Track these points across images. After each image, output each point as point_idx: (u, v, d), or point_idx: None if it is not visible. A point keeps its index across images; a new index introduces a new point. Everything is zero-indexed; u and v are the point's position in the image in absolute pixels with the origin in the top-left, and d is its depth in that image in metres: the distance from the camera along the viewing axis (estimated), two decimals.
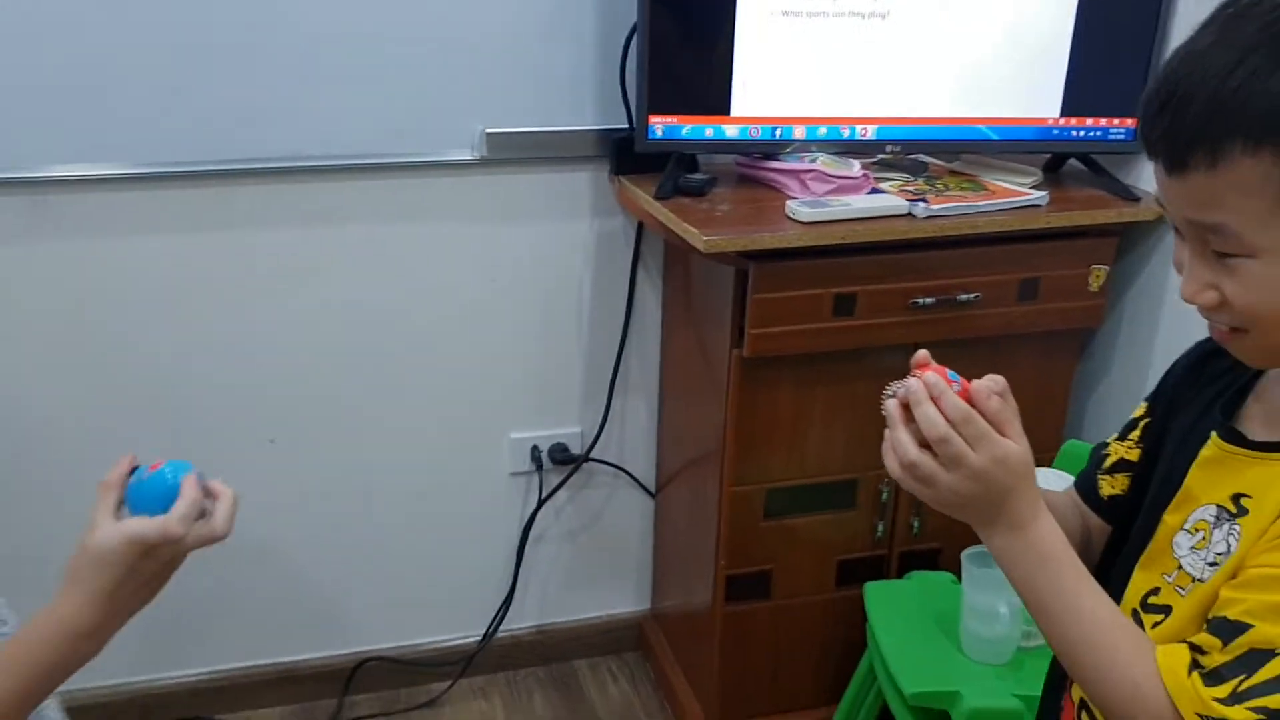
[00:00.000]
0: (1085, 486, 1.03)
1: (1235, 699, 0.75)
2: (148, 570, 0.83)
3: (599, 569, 2.24)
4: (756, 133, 1.77)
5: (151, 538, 0.81)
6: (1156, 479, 0.93)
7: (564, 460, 2.10)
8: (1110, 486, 1.00)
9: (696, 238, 1.63)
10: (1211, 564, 0.82)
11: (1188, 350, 0.97)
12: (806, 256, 1.69)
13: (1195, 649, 0.79)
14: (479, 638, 2.17)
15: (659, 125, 1.75)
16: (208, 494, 0.87)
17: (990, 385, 0.84)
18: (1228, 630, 0.76)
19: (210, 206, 1.79)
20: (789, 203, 1.70)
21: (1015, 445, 0.83)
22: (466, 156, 1.87)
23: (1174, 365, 0.98)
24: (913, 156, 1.91)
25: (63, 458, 1.83)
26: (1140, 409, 1.01)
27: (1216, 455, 0.85)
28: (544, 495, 2.11)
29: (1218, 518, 0.83)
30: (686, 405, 2.03)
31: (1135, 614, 0.88)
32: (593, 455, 2.11)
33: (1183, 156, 0.74)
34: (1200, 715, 0.75)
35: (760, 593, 1.92)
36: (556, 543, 2.19)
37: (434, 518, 2.09)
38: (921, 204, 1.71)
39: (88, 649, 0.82)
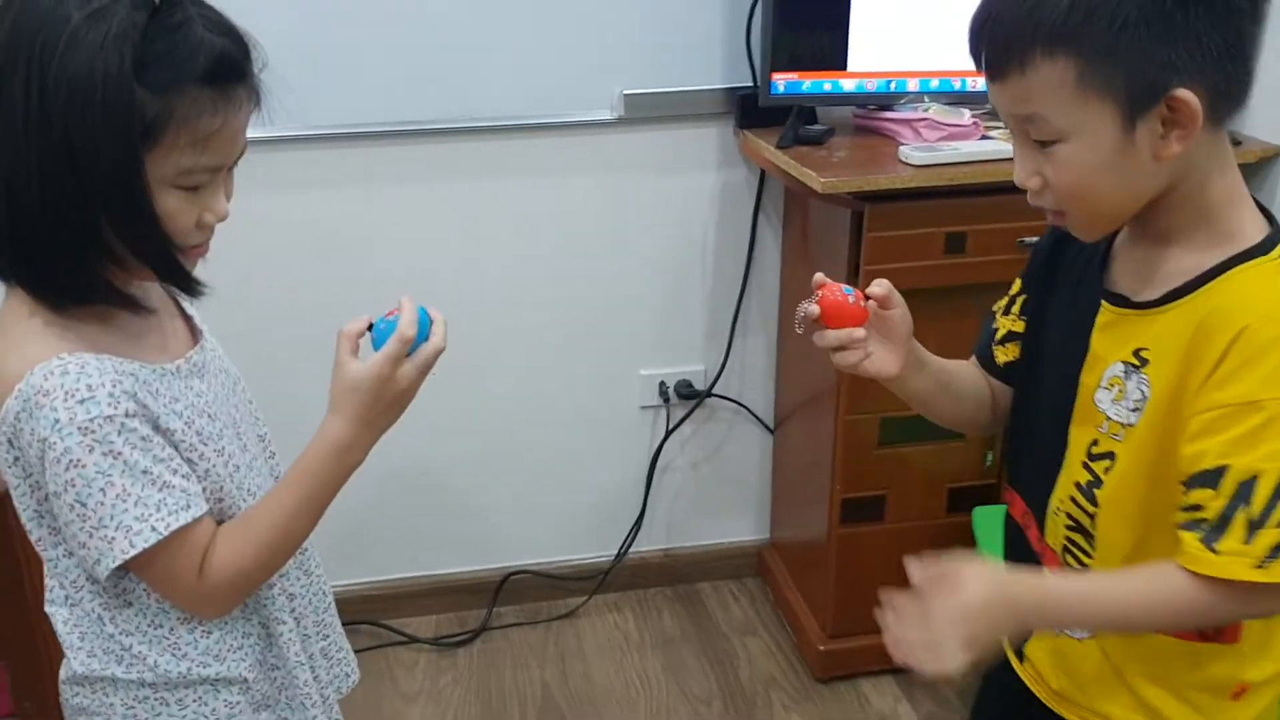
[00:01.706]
0: (984, 356, 1.19)
1: (1253, 529, 0.87)
2: (395, 389, 1.00)
3: (721, 499, 2.43)
4: (872, 86, 1.93)
5: (393, 350, 0.98)
6: (1053, 347, 1.07)
7: (688, 395, 2.29)
8: (1004, 355, 1.16)
9: (815, 180, 1.79)
10: (1134, 409, 0.96)
11: (1046, 233, 1.11)
12: (919, 198, 1.84)
13: (1193, 510, 0.90)
14: (612, 557, 2.38)
15: (781, 81, 1.92)
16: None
17: (878, 290, 1.08)
18: (1211, 478, 0.89)
19: (381, 164, 2.03)
20: (902, 148, 1.85)
21: (964, 591, 0.91)
22: (605, 116, 2.06)
23: (1038, 247, 1.13)
24: None
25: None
26: (1016, 286, 1.17)
27: (1112, 319, 1.00)
28: (670, 427, 2.30)
29: (1126, 372, 0.97)
30: (803, 344, 2.18)
31: (1085, 465, 1.01)
32: (714, 391, 2.29)
33: (1001, 65, 0.90)
34: (1250, 566, 0.87)
35: (874, 516, 2.08)
36: (682, 473, 2.38)
37: (572, 446, 2.30)
38: None
39: (352, 459, 1.01)
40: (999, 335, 1.17)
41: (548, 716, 2.09)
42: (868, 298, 1.10)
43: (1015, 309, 1.16)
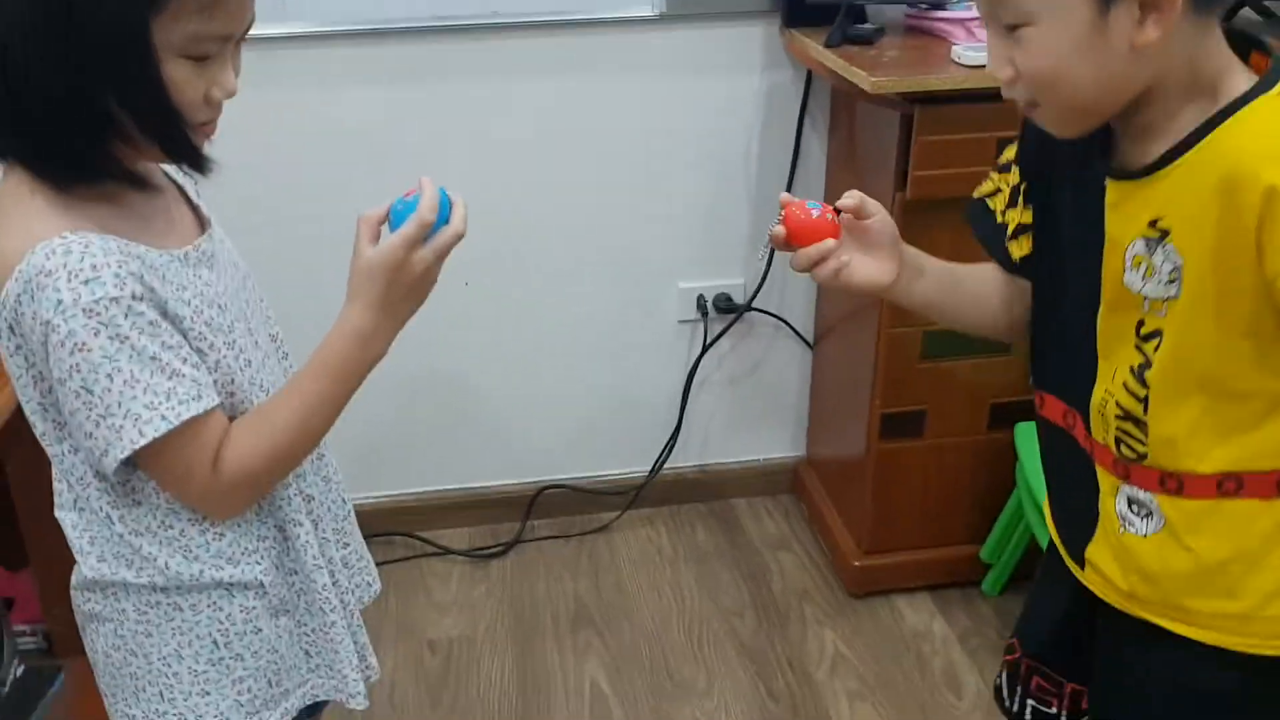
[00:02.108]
0: (1000, 256, 1.13)
1: None
2: (413, 273, 0.94)
3: (758, 415, 2.38)
4: None
5: (410, 232, 0.94)
6: (1068, 238, 1.02)
7: (727, 309, 2.23)
8: (1019, 249, 1.10)
9: (864, 80, 1.71)
10: (1170, 281, 0.91)
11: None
12: (971, 100, 1.75)
13: None
14: (646, 472, 2.35)
15: None
16: None
17: (848, 201, 1.05)
18: None
19: (405, 63, 1.97)
20: (954, 47, 1.76)
21: None
22: (646, 13, 1.98)
23: (1026, 132, 1.07)
24: None
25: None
26: (1013, 176, 1.10)
27: (1119, 196, 0.94)
28: (708, 342, 2.25)
29: (1148, 247, 0.92)
30: None
31: (1137, 347, 0.96)
32: (754, 305, 2.23)
33: None
34: None
35: (913, 431, 2.03)
36: (719, 388, 2.33)
37: (608, 360, 2.26)
38: None
39: (374, 348, 0.97)
40: (1010, 229, 1.11)
41: (580, 626, 2.08)
42: (838, 210, 1.07)
43: (1020, 199, 1.10)
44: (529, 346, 2.22)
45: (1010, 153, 1.12)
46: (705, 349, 2.25)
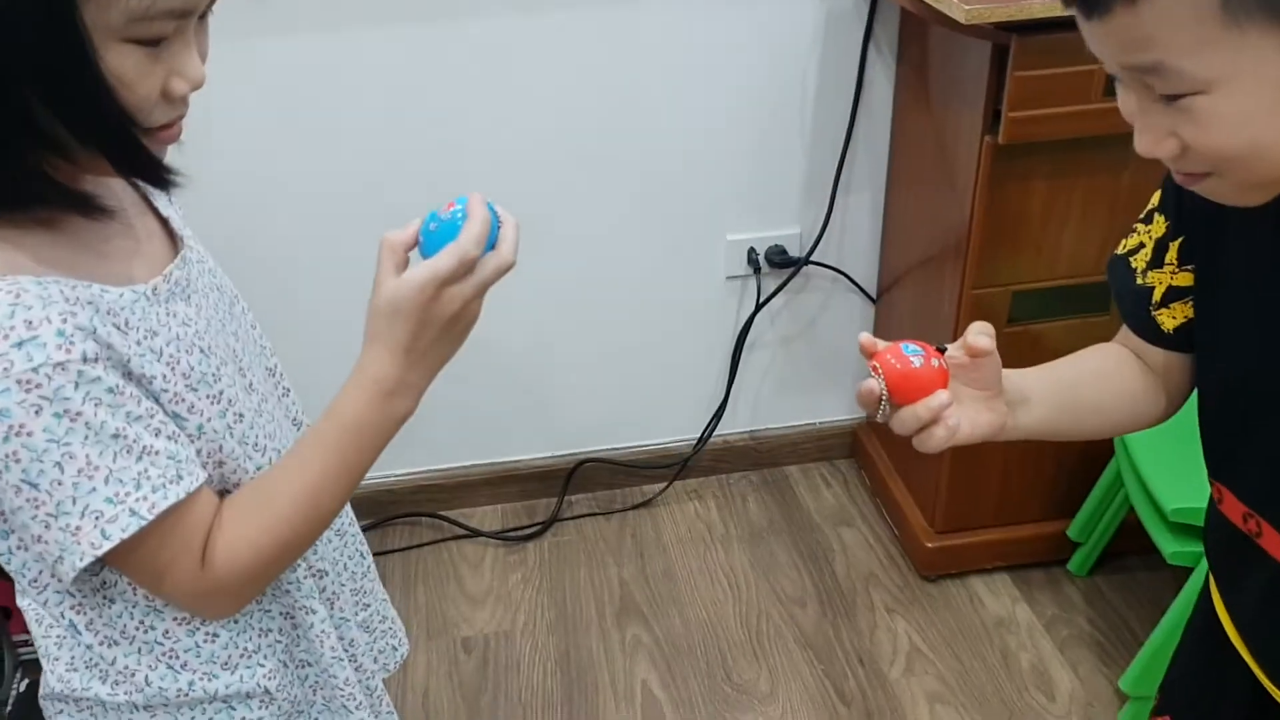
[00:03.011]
0: (1142, 326, 0.90)
1: None
2: (445, 313, 0.75)
3: (813, 376, 2.17)
4: None
5: (445, 269, 0.74)
6: (1252, 300, 0.79)
7: (781, 263, 2.00)
8: (1171, 318, 0.88)
9: (956, 8, 1.45)
10: None
11: None
12: (1076, 28, 1.49)
13: None
14: (693, 442, 2.15)
15: None
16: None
17: (981, 342, 0.82)
18: None
19: None
20: None
21: None
22: None
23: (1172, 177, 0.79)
24: None
25: (283, 247, 1.84)
26: (1157, 228, 0.87)
27: None
28: (761, 300, 2.02)
29: None
30: (918, 201, 1.88)
31: None
32: (813, 258, 2.00)
33: None
34: None
35: None
36: (771, 349, 2.12)
37: (649, 323, 2.04)
38: None
39: (400, 406, 0.77)
40: (1157, 295, 0.88)
41: (628, 620, 1.90)
42: (941, 350, 0.84)
43: (1170, 256, 0.86)
44: (563, 308, 2.00)
45: (1155, 199, 0.88)
46: (759, 306, 2.03)
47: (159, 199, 0.83)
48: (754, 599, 1.93)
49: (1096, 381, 0.93)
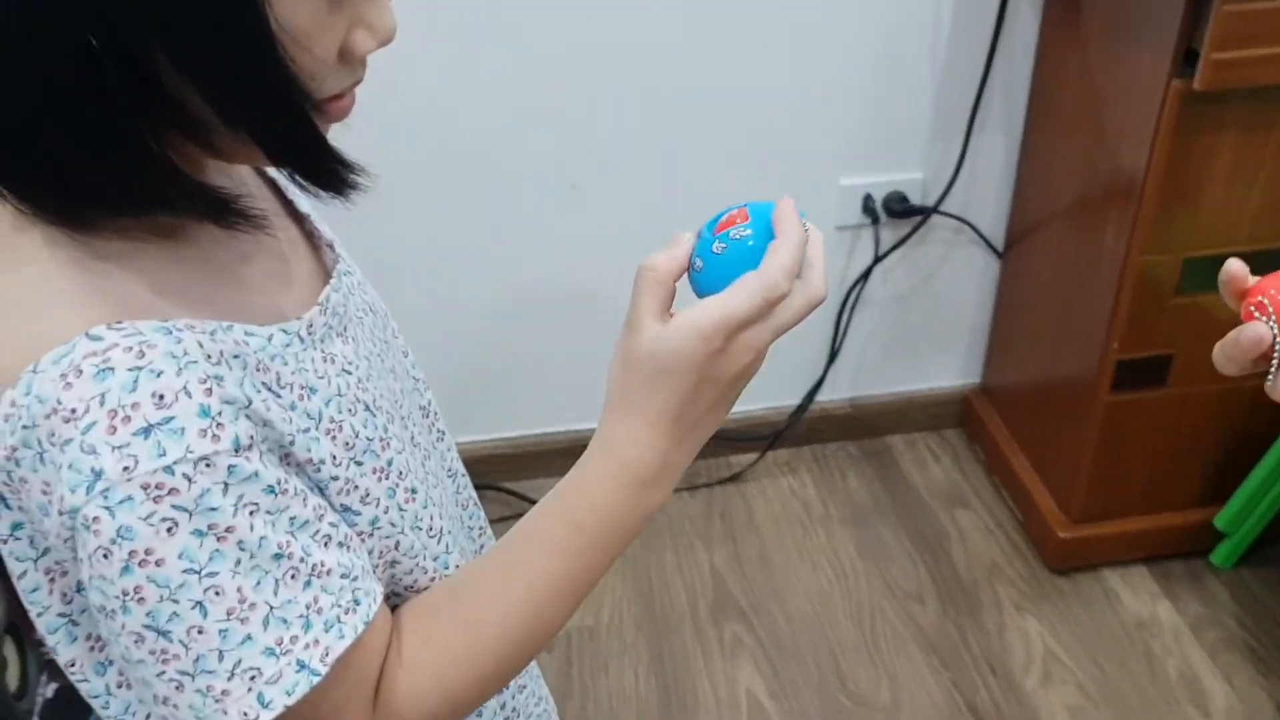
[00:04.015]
0: None
1: None
2: (733, 368, 0.55)
3: (924, 337, 1.94)
4: None
5: (745, 312, 0.53)
6: None
7: (901, 213, 1.76)
8: None
9: None
10: None
11: None
12: None
13: None
14: (789, 410, 1.93)
15: None
16: None
17: None
18: None
19: None
20: None
21: None
22: None
23: None
24: None
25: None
26: None
27: None
28: (879, 253, 1.79)
29: None
30: (1066, 151, 1.63)
31: None
32: (940, 208, 1.76)
33: None
34: None
35: (1154, 380, 1.60)
36: (880, 307, 1.89)
37: None
38: None
39: (656, 497, 0.57)
40: None
41: (724, 615, 1.71)
42: None
43: None
44: (644, 257, 1.76)
45: None
46: (877, 260, 1.79)
47: (295, 193, 0.61)
48: (864, 592, 1.74)
49: None
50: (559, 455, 1.91)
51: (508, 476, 1.91)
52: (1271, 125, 1.41)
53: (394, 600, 0.60)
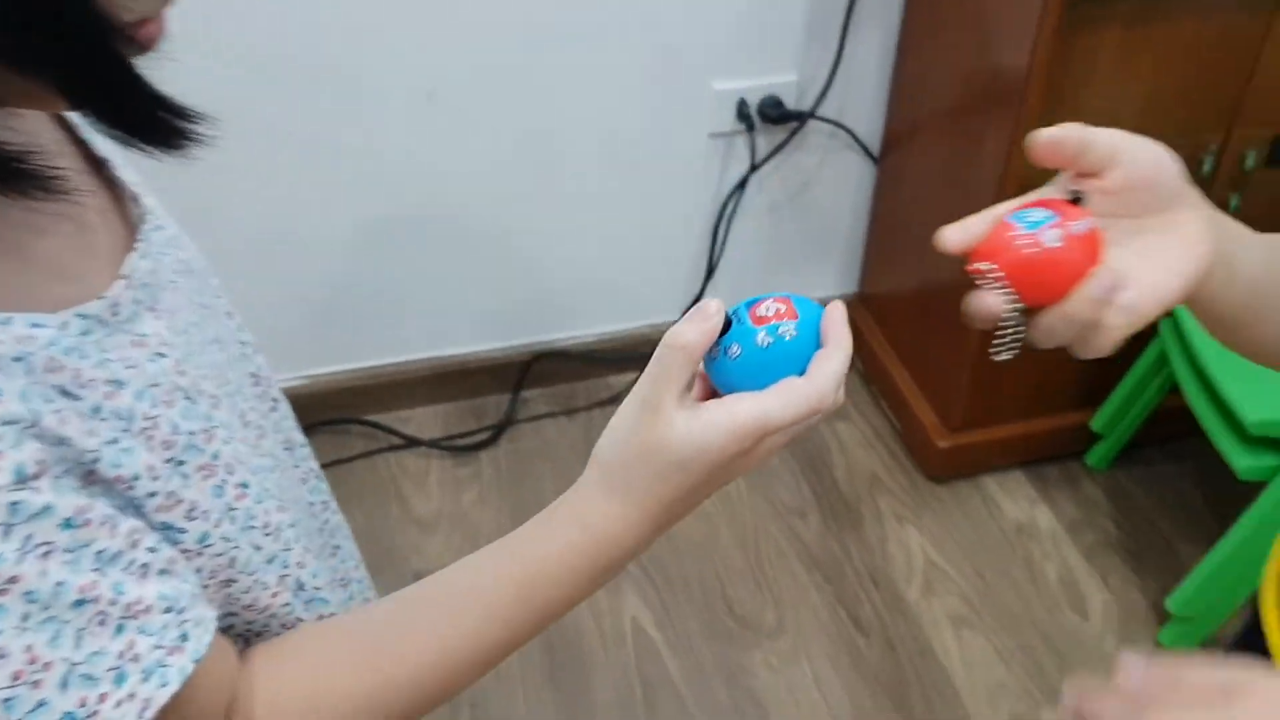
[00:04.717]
0: None
1: None
2: (743, 469, 0.51)
3: (800, 247, 1.89)
4: None
5: (784, 418, 0.48)
6: None
7: (776, 118, 1.68)
8: None
9: None
10: None
11: None
12: None
13: None
14: (666, 328, 1.86)
15: None
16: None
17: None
18: None
19: None
20: None
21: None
22: None
23: None
24: None
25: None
26: None
27: None
28: (755, 161, 1.71)
29: None
30: (942, 49, 1.57)
31: None
32: (817, 112, 1.68)
33: None
34: None
35: None
36: (755, 217, 1.82)
37: (618, 190, 1.71)
38: None
39: (624, 564, 0.52)
40: None
41: None
42: (1075, 200, 0.53)
43: None
44: (512, 174, 1.65)
45: None
46: (752, 169, 1.71)
47: (85, 131, 0.50)
48: (749, 515, 1.70)
49: None
50: (421, 384, 1.81)
51: (370, 408, 1.80)
52: (1151, 20, 1.37)
53: (229, 620, 0.51)
